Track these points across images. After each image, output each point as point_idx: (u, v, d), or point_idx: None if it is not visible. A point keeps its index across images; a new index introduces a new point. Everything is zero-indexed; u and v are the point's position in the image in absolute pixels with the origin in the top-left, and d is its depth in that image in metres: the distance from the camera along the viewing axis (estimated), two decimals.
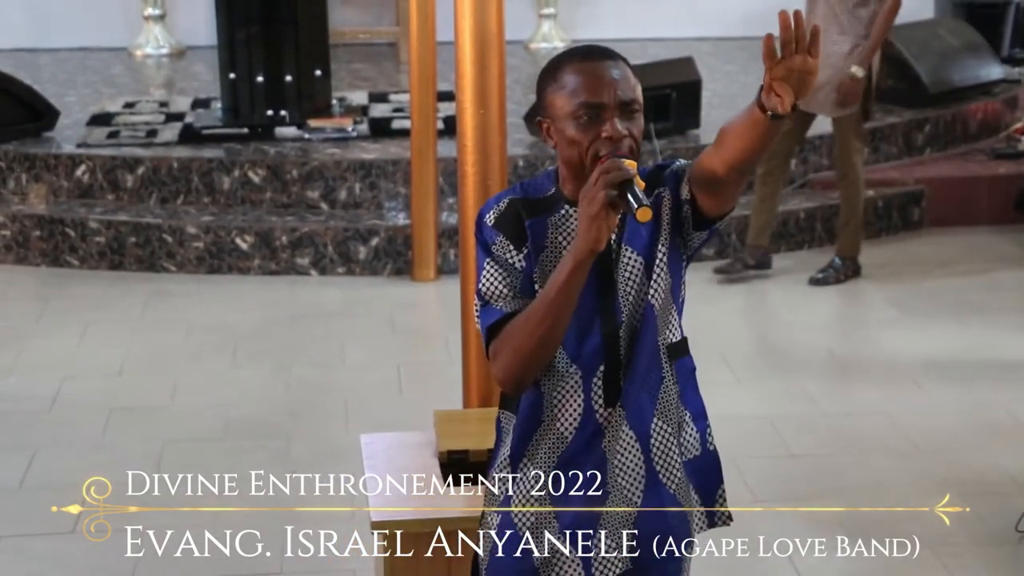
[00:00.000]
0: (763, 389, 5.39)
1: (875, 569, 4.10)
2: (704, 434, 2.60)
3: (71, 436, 4.97)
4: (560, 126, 2.43)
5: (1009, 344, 5.80)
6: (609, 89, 2.40)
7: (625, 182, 2.28)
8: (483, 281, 2.45)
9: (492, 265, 2.45)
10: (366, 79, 8.73)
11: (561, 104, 2.42)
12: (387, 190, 6.93)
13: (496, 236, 2.45)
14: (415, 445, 3.45)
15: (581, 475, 2.48)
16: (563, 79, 2.42)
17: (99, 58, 9.32)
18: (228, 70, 7.33)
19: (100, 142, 7.18)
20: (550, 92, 2.44)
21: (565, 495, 2.49)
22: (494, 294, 2.44)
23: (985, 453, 4.79)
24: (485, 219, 2.47)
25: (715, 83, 8.29)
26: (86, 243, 6.73)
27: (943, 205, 7.31)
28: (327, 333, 5.97)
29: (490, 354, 2.44)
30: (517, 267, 2.45)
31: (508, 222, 2.46)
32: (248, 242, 6.66)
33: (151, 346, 5.81)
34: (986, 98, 8.11)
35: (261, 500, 4.40)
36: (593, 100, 2.39)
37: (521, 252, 2.45)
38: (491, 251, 2.46)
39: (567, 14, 9.69)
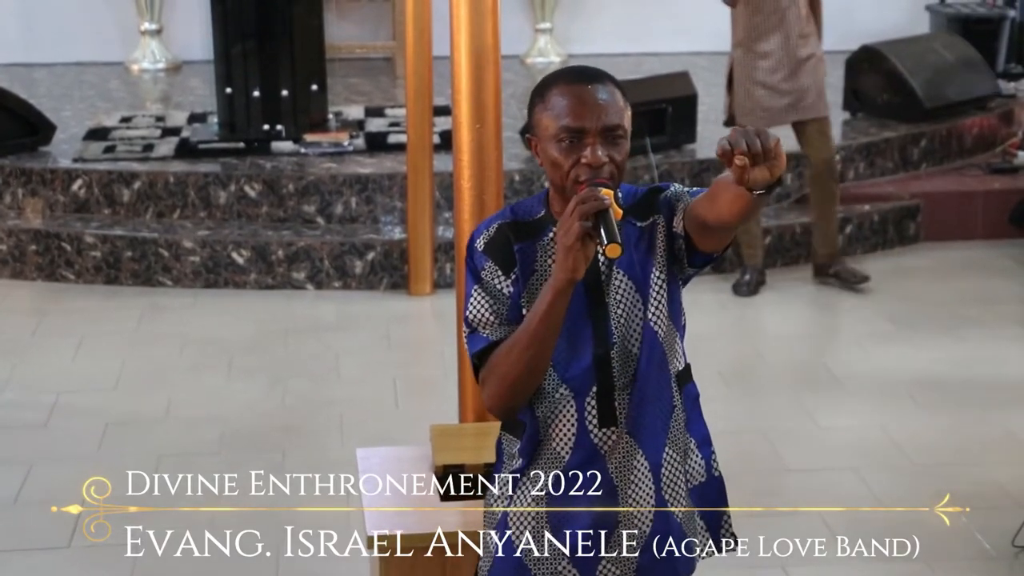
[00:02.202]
0: (758, 403, 5.39)
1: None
2: (709, 460, 2.61)
3: (67, 450, 4.97)
4: (544, 146, 2.43)
5: (1005, 358, 5.80)
6: (593, 114, 2.38)
7: (599, 213, 2.25)
8: (470, 308, 2.45)
9: (479, 292, 2.45)
10: (362, 93, 8.74)
11: (546, 125, 2.42)
12: (383, 204, 6.94)
13: (485, 262, 2.45)
14: (411, 459, 3.45)
15: (578, 500, 2.49)
16: (550, 99, 2.42)
17: (95, 72, 9.33)
18: (224, 84, 7.34)
19: (96, 157, 7.18)
20: (537, 111, 2.45)
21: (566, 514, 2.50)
22: (481, 321, 2.44)
23: (981, 468, 4.79)
24: (475, 244, 2.48)
25: (711, 97, 8.29)
26: (82, 257, 6.72)
27: (939, 219, 7.32)
28: (323, 347, 5.97)
29: (479, 381, 2.45)
30: (505, 293, 2.45)
31: (497, 247, 2.46)
32: (244, 256, 6.66)
33: (147, 360, 5.80)
34: (981, 113, 8.12)
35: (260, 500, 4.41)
36: (575, 124, 2.38)
37: (509, 277, 2.45)
38: (480, 277, 2.46)
39: (563, 29, 9.70)
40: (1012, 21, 8.99)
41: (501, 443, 2.57)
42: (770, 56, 6.36)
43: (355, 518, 4.03)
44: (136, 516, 4.44)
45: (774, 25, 6.34)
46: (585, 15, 9.74)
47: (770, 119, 6.32)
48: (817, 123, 6.44)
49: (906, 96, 7.77)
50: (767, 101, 6.36)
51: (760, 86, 6.37)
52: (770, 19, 6.34)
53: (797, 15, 6.32)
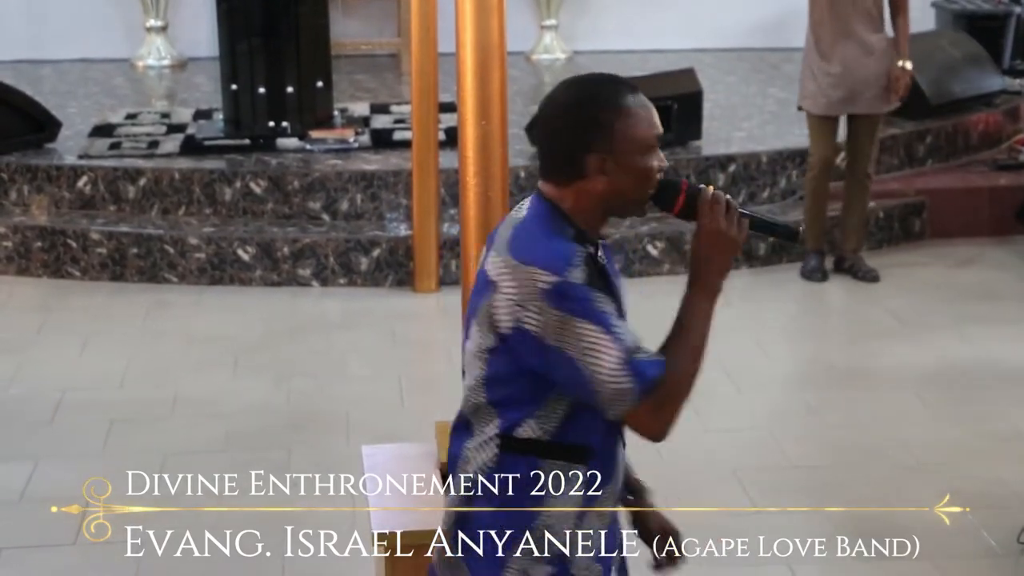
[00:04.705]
0: (763, 400, 5.39)
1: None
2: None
3: (72, 447, 4.97)
4: (630, 160, 2.39)
5: (1010, 355, 5.79)
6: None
7: (739, 212, 2.43)
8: (619, 336, 2.32)
9: (613, 318, 2.33)
10: (367, 90, 8.74)
11: (640, 136, 2.39)
12: (388, 201, 6.94)
13: (591, 292, 2.34)
14: (416, 456, 3.45)
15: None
16: (632, 111, 2.39)
17: (101, 69, 9.33)
18: (230, 81, 7.34)
19: (102, 153, 7.18)
20: (620, 126, 2.38)
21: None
22: (635, 347, 2.34)
23: (986, 465, 4.79)
24: (568, 280, 2.32)
25: (716, 94, 8.30)
26: (87, 254, 6.73)
27: (945, 216, 7.31)
28: (328, 344, 5.97)
29: (651, 405, 2.33)
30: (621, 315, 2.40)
31: (594, 276, 2.37)
32: (250, 253, 6.67)
33: (152, 357, 5.81)
34: (987, 109, 8.11)
35: (261, 500, 4.41)
36: (660, 131, 2.45)
37: (610, 302, 2.38)
38: (601, 308, 2.33)
39: (569, 26, 9.69)
40: (1018, 18, 8.97)
41: (536, 475, 2.43)
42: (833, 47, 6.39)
43: (356, 518, 4.04)
44: (138, 516, 4.45)
45: (844, 16, 6.35)
46: (591, 12, 9.73)
47: (828, 107, 6.43)
48: (868, 119, 6.48)
49: (912, 93, 7.74)
50: (828, 88, 6.40)
51: (822, 73, 6.40)
52: (842, 8, 6.35)
53: (867, 10, 6.34)
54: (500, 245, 2.42)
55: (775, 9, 9.53)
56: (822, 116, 6.49)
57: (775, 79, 8.85)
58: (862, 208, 6.66)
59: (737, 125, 7.78)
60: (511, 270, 2.36)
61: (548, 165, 2.45)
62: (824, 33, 6.41)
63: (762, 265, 6.88)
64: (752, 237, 6.75)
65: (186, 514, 4.18)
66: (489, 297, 2.39)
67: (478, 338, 2.43)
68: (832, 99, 6.43)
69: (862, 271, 6.63)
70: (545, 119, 2.46)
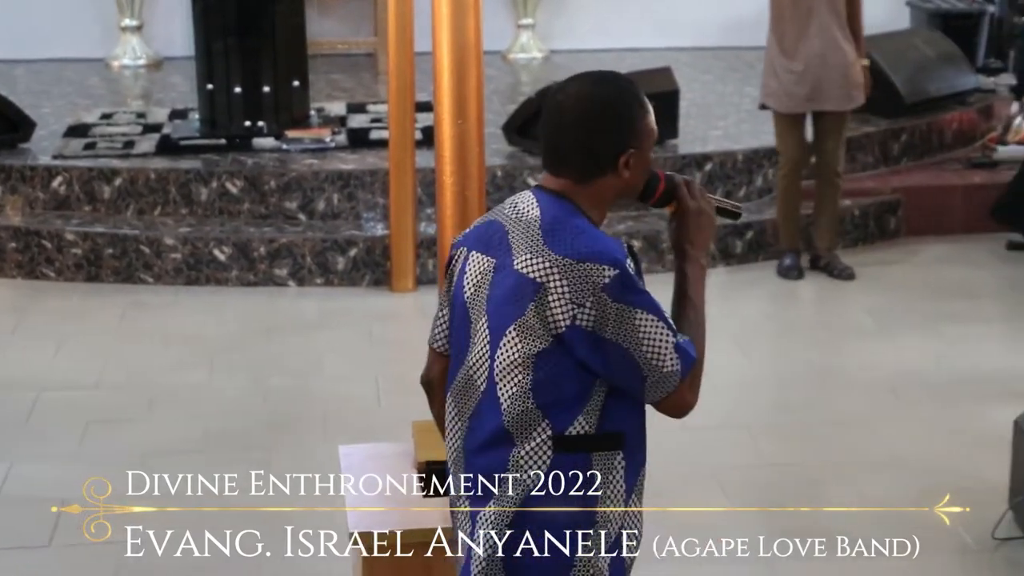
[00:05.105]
0: (741, 398, 5.40)
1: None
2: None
3: (48, 449, 4.95)
4: (645, 155, 2.49)
5: (985, 352, 5.82)
6: None
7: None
8: (669, 324, 2.42)
9: (658, 306, 2.43)
10: (344, 90, 8.72)
11: (654, 129, 2.50)
12: (365, 201, 6.93)
13: (641, 281, 2.44)
14: (393, 456, 3.45)
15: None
16: (646, 107, 2.49)
17: (75, 69, 9.29)
18: (205, 81, 7.32)
19: (76, 153, 7.15)
20: (642, 121, 2.47)
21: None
22: (676, 329, 2.45)
23: (962, 461, 4.81)
24: (627, 270, 2.40)
25: (692, 93, 8.31)
26: (62, 255, 6.70)
27: (919, 214, 7.34)
28: (305, 344, 5.96)
29: (688, 383, 2.46)
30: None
31: (635, 263, 2.48)
32: (226, 253, 6.65)
33: (128, 358, 5.78)
34: (961, 108, 8.15)
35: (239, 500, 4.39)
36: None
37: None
38: (647, 293, 2.43)
39: (545, 25, 9.70)
40: (991, 16, 9.02)
41: (580, 464, 2.46)
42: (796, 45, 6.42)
43: (334, 518, 4.03)
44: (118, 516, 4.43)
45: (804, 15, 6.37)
46: (567, 11, 9.74)
47: (793, 104, 6.46)
48: (834, 116, 6.50)
49: (887, 91, 7.78)
50: (791, 86, 6.41)
51: (785, 71, 6.42)
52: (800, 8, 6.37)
53: (829, 6, 6.36)
54: (529, 245, 2.41)
55: (751, 8, 9.53)
56: (787, 114, 6.52)
57: (751, 78, 8.87)
58: (833, 207, 6.68)
59: (713, 124, 7.80)
60: (561, 268, 2.38)
61: (568, 162, 2.46)
62: (787, 30, 6.44)
63: (738, 263, 6.90)
64: (726, 235, 6.80)
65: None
66: (536, 299, 2.38)
67: (521, 345, 2.40)
68: (796, 96, 6.45)
69: (837, 269, 6.65)
70: (580, 119, 2.44)
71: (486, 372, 2.45)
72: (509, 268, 2.42)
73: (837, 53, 6.39)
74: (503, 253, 2.44)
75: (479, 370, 2.47)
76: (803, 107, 6.51)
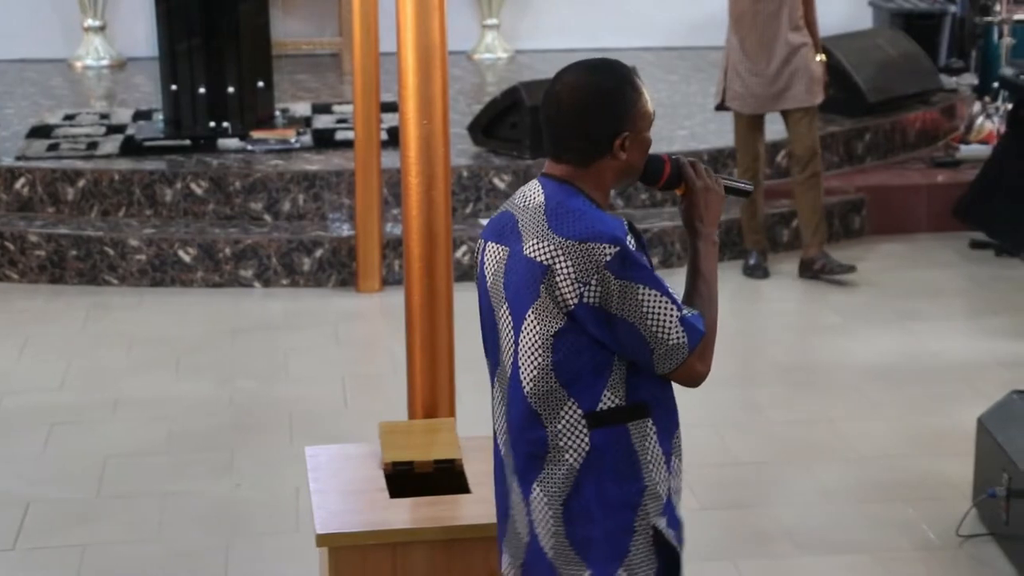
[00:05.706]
0: (708, 397, 5.41)
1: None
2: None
3: (11, 451, 4.92)
4: (643, 136, 2.57)
5: (949, 350, 5.86)
6: None
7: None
8: (671, 294, 2.51)
9: (663, 282, 2.51)
10: (309, 90, 8.70)
11: (649, 112, 2.57)
12: (331, 201, 6.91)
13: (643, 257, 2.51)
14: (360, 457, 3.45)
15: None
16: (640, 90, 2.56)
17: (38, 70, 9.23)
18: (169, 82, 7.28)
19: (40, 155, 7.11)
20: (638, 104, 2.55)
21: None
22: (681, 304, 2.54)
23: (927, 459, 4.84)
24: (628, 247, 2.48)
25: (658, 92, 8.34)
26: (26, 257, 6.65)
27: (884, 213, 7.39)
28: (271, 345, 5.94)
29: (697, 354, 2.54)
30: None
31: (639, 242, 2.54)
32: (191, 254, 6.62)
33: (92, 360, 5.75)
34: (924, 107, 8.21)
35: (215, 501, 4.37)
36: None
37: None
38: (649, 268, 2.51)
39: (510, 25, 9.71)
40: (953, 16, 9.08)
41: (616, 434, 2.54)
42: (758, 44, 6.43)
43: (299, 519, 4.03)
44: (83, 517, 4.42)
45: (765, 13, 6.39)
46: (532, 11, 9.75)
47: (757, 106, 6.47)
48: (802, 113, 6.52)
49: (850, 91, 7.83)
50: (756, 88, 6.43)
51: (749, 73, 6.44)
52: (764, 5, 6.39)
53: (790, 8, 6.39)
54: (535, 230, 2.51)
55: (716, 7, 9.57)
56: (752, 115, 6.55)
57: (716, 77, 8.91)
58: (812, 203, 6.64)
59: (679, 123, 7.82)
60: (565, 250, 2.48)
61: (568, 147, 2.56)
62: (748, 32, 6.46)
63: None
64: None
65: (127, 516, 4.15)
66: (545, 281, 2.48)
67: (539, 326, 2.51)
68: (762, 98, 6.47)
69: (835, 267, 6.61)
70: (576, 105, 2.53)
71: (511, 356, 2.57)
72: (520, 254, 2.53)
73: (798, 51, 6.42)
74: (514, 240, 2.56)
75: (507, 355, 2.59)
76: (769, 107, 6.53)
